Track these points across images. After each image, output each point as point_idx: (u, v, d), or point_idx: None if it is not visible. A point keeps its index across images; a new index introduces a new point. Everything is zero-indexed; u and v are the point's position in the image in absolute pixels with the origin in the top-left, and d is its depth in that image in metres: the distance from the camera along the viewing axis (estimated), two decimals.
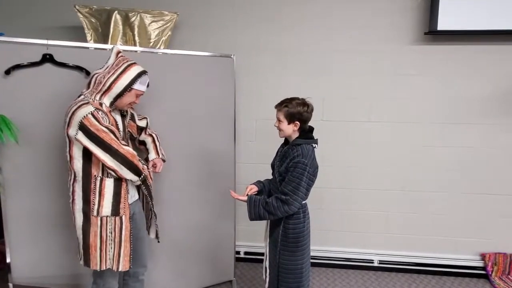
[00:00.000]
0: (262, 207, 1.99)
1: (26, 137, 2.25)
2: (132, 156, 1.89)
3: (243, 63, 3.12)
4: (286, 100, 2.02)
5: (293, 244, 2.04)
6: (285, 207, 1.95)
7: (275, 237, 2.09)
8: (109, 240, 1.90)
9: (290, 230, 2.03)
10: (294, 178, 1.94)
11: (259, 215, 2.01)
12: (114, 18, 2.87)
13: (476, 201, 3.10)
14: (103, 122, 1.80)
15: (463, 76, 3.00)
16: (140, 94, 1.98)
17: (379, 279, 3.14)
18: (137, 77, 1.91)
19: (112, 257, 1.92)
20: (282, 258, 2.06)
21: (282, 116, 2.01)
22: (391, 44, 3.04)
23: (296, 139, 2.02)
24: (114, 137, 1.83)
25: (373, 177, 3.19)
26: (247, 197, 2.06)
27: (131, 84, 1.89)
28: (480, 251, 3.15)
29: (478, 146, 3.05)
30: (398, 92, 3.08)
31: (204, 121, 2.72)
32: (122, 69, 1.88)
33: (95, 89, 1.87)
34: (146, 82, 1.98)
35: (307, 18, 3.11)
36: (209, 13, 3.19)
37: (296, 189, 1.94)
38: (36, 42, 2.22)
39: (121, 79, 1.87)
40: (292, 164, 1.95)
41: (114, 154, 1.82)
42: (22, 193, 2.31)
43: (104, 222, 1.89)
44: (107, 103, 1.89)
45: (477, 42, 2.95)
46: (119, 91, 1.88)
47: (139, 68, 1.94)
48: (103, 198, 1.88)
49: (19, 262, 2.35)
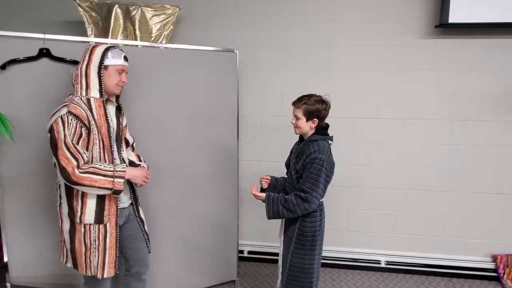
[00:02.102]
0: (281, 204, 1.96)
1: (22, 134, 2.21)
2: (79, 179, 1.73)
3: (246, 58, 3.06)
4: (304, 97, 2.00)
5: (308, 243, 2.02)
6: (305, 204, 1.92)
7: (289, 235, 2.07)
8: (93, 248, 1.87)
9: (306, 228, 2.01)
10: (312, 174, 1.91)
11: (277, 213, 1.98)
12: (114, 12, 2.82)
13: (488, 200, 3.01)
14: (67, 130, 1.73)
15: (475, 71, 2.90)
16: (121, 70, 1.91)
17: (386, 281, 3.06)
18: (105, 52, 1.85)
19: (97, 265, 1.89)
20: (295, 256, 2.03)
21: (301, 113, 1.98)
22: (399, 38, 2.95)
23: (313, 135, 2.00)
24: (68, 153, 1.72)
25: (381, 176, 3.12)
26: (266, 194, 2.02)
27: (102, 61, 1.83)
28: (492, 253, 3.06)
29: (490, 144, 2.96)
30: (407, 88, 3.00)
31: (207, 117, 2.67)
32: (89, 53, 1.85)
33: (77, 86, 1.84)
34: (121, 55, 1.90)
35: (312, 11, 3.04)
36: (212, 7, 3.13)
37: (315, 185, 1.91)
38: (33, 36, 2.17)
39: (92, 62, 1.83)
40: (309, 160, 1.92)
41: (62, 171, 1.72)
42: (19, 191, 2.27)
43: (87, 230, 1.85)
44: (96, 94, 1.85)
45: (490, 35, 2.84)
46: (97, 74, 1.83)
47: (104, 45, 1.89)
48: (85, 205, 1.84)
49: (16, 262, 2.32)
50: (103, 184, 1.78)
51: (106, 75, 1.86)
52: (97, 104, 1.84)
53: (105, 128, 1.86)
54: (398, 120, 3.05)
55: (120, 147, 2.03)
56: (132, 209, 2.09)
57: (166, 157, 2.53)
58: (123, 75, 1.92)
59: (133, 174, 1.92)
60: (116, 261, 1.94)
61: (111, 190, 1.81)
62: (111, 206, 1.89)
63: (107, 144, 1.88)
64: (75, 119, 1.74)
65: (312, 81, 3.09)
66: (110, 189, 1.80)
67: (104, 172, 1.79)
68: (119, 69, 1.89)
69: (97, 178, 1.76)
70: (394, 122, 3.05)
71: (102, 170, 1.78)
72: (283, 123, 3.13)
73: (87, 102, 1.82)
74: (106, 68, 1.85)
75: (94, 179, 1.75)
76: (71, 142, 1.73)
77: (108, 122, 1.88)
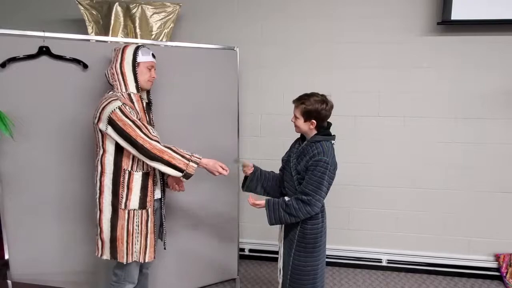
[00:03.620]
0: (283, 209, 1.92)
1: (22, 132, 2.21)
2: (160, 151, 1.88)
3: (247, 56, 3.05)
4: (304, 96, 1.95)
5: (310, 245, 1.98)
6: (307, 208, 1.88)
7: (291, 238, 2.03)
8: (135, 233, 1.97)
9: (308, 230, 1.96)
10: (316, 177, 1.87)
11: (279, 219, 1.95)
12: (115, 10, 2.82)
13: (491, 199, 2.98)
14: (131, 116, 1.85)
15: (478, 69, 2.87)
16: (150, 66, 2.02)
17: (388, 279, 3.05)
18: (136, 51, 1.98)
19: (139, 249, 1.98)
20: (297, 259, 1.99)
21: (299, 113, 1.95)
22: (401, 35, 2.93)
23: (315, 136, 1.95)
24: (141, 132, 1.85)
25: (383, 174, 3.09)
26: (265, 201, 1.98)
27: (135, 59, 1.96)
28: (494, 252, 3.03)
29: (493, 142, 2.93)
30: (409, 86, 2.97)
31: (207, 115, 2.66)
32: (121, 53, 1.97)
33: (116, 83, 1.96)
34: (149, 53, 2.03)
35: (313, 8, 3.02)
36: (212, 4, 3.12)
37: (318, 188, 1.87)
38: (33, 34, 2.17)
39: (125, 61, 1.95)
40: (313, 163, 1.87)
41: (141, 150, 1.86)
42: (20, 189, 2.27)
43: (131, 215, 1.95)
44: (134, 89, 1.97)
45: (494, 32, 2.81)
46: (131, 71, 1.95)
47: (134, 45, 2.03)
48: (131, 191, 1.94)
49: (18, 259, 2.32)
50: (179, 164, 1.90)
51: (139, 71, 1.98)
52: (136, 99, 1.97)
53: (145, 120, 1.97)
54: (400, 118, 3.02)
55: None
56: (160, 203, 2.16)
57: None
58: (152, 71, 2.04)
59: (207, 163, 2.01)
60: (155, 245, 2.05)
61: (183, 172, 1.92)
62: (151, 193, 2.01)
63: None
64: (130, 108, 1.88)
65: (313, 78, 3.07)
66: (183, 171, 1.92)
67: (182, 153, 1.93)
68: (149, 66, 2.01)
69: (175, 156, 1.90)
70: (396, 120, 3.03)
71: (180, 151, 1.94)
72: (284, 121, 3.11)
73: (128, 97, 1.95)
74: (138, 65, 1.97)
75: (173, 156, 1.90)
76: (142, 123, 1.87)
77: (145, 115, 2.00)
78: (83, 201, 2.36)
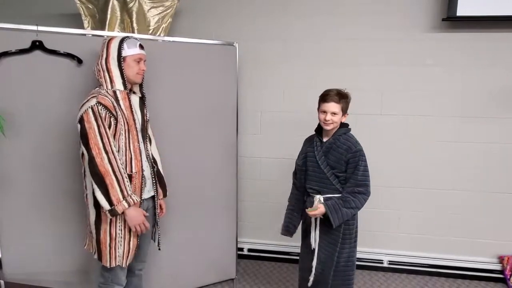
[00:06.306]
0: (343, 207, 2.00)
1: (14, 128, 2.16)
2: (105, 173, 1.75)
3: (247, 52, 2.99)
4: (339, 92, 2.03)
5: (353, 235, 2.10)
6: (364, 196, 2.03)
7: (333, 233, 2.07)
8: (118, 238, 1.90)
9: (350, 221, 2.07)
10: (362, 167, 2.01)
11: (342, 218, 2.01)
12: (111, 4, 2.76)
13: (495, 200, 2.93)
14: (100, 119, 1.77)
15: (484, 67, 2.81)
16: (138, 59, 1.94)
17: (389, 281, 3.00)
18: (121, 44, 1.89)
19: (122, 254, 1.92)
20: (346, 252, 2.08)
21: (339, 108, 2.01)
22: (405, 32, 2.86)
23: (341, 129, 2.08)
24: (100, 142, 1.75)
25: (385, 174, 3.04)
26: (324, 207, 2.01)
27: (120, 54, 1.88)
28: (498, 253, 2.98)
29: (498, 142, 2.87)
30: (412, 84, 2.91)
31: (205, 112, 2.62)
32: (106, 46, 1.90)
33: (102, 80, 1.89)
34: (136, 44, 1.94)
35: (315, 4, 2.95)
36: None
37: (366, 176, 2.03)
38: (25, 28, 2.11)
39: (110, 56, 1.88)
40: (353, 154, 2.00)
41: (90, 160, 1.75)
42: (13, 187, 2.23)
43: (113, 220, 1.87)
44: (120, 86, 1.90)
45: (500, 29, 2.74)
46: (117, 66, 1.88)
47: (118, 37, 1.93)
48: None
49: (11, 258, 2.28)
50: (114, 195, 1.77)
51: (126, 66, 1.90)
52: (123, 96, 1.90)
53: (131, 119, 1.91)
54: (403, 117, 2.97)
55: (145, 138, 2.04)
56: (153, 202, 2.09)
57: (164, 153, 2.46)
58: (141, 64, 1.96)
59: (132, 213, 1.84)
60: (136, 248, 1.98)
61: (111, 207, 1.78)
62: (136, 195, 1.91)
63: (134, 135, 1.91)
64: (104, 109, 1.79)
65: (314, 76, 3.01)
66: (111, 206, 1.77)
67: (123, 188, 1.79)
68: (136, 58, 1.93)
69: (115, 185, 1.77)
70: (399, 118, 2.97)
71: (124, 185, 1.80)
72: (284, 118, 3.07)
73: (113, 94, 1.88)
74: (124, 60, 1.89)
75: (113, 184, 1.76)
76: (105, 133, 1.78)
77: (133, 113, 1.92)
78: (75, 200, 2.30)
